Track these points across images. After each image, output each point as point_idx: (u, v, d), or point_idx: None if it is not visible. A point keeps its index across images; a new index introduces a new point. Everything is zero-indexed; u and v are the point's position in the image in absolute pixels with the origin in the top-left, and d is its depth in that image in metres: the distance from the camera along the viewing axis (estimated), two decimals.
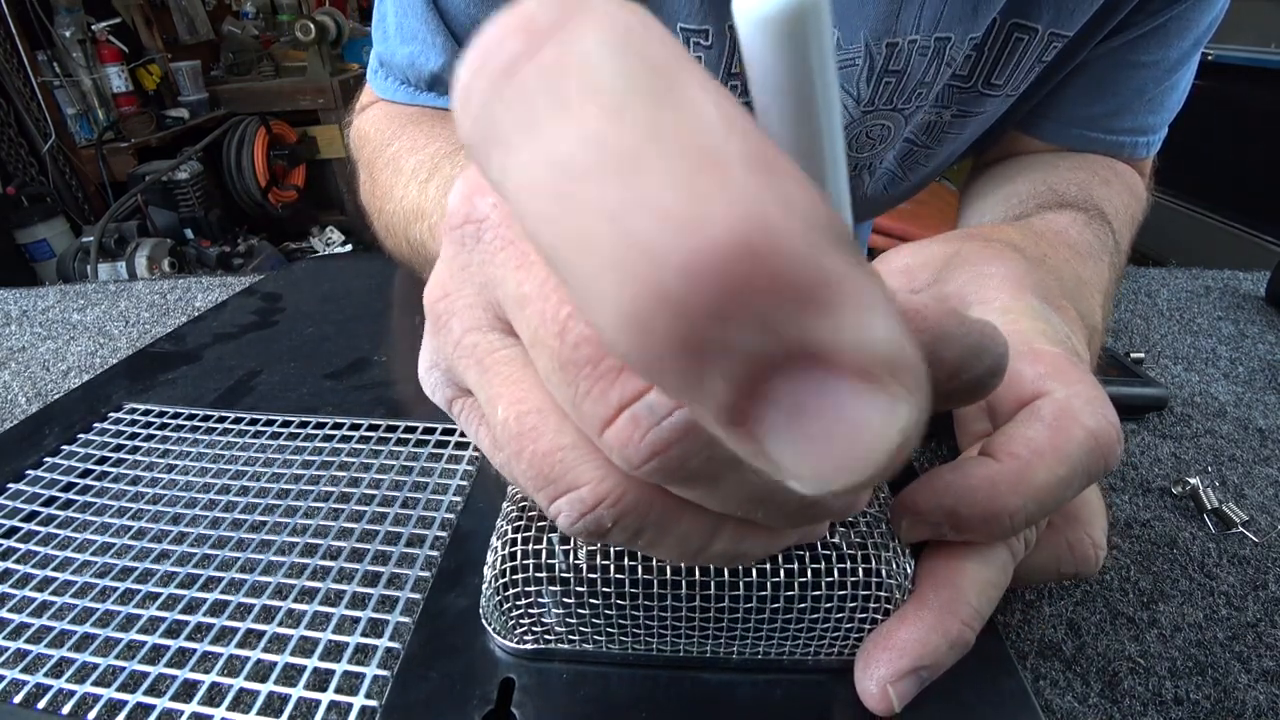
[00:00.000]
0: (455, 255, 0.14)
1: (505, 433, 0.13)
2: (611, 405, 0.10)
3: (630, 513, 0.12)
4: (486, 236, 0.13)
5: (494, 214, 0.13)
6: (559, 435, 0.13)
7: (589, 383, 0.11)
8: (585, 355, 0.10)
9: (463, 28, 0.42)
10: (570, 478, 0.12)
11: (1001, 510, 0.18)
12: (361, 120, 0.50)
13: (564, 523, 0.13)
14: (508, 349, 0.14)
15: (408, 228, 0.40)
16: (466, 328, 0.14)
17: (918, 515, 0.19)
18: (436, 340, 0.15)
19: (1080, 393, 0.20)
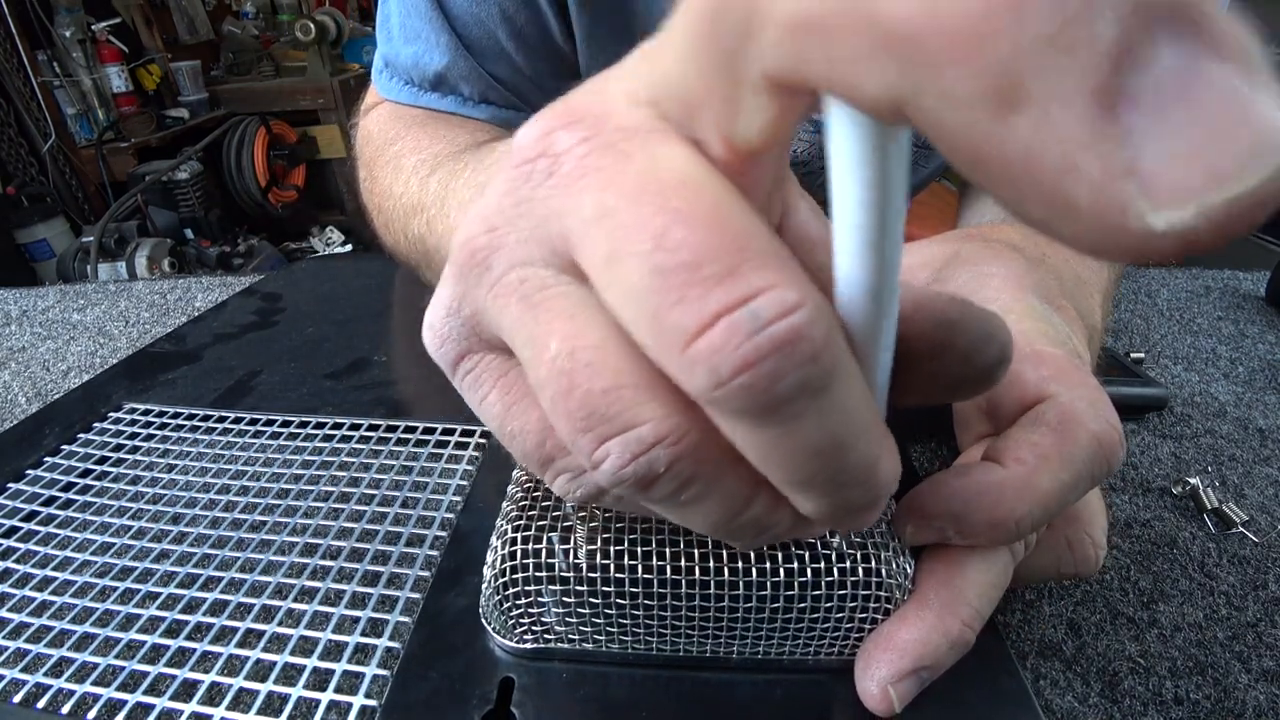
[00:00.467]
0: (515, 189, 0.13)
1: (555, 369, 0.12)
2: (710, 310, 0.10)
3: (686, 457, 0.12)
4: (564, 168, 0.12)
5: (579, 146, 0.12)
6: (620, 374, 0.12)
7: (685, 288, 0.10)
8: (685, 259, 0.10)
9: (466, 26, 0.42)
10: (630, 415, 0.12)
11: (1007, 516, 0.18)
12: (367, 121, 0.50)
13: (610, 467, 0.12)
14: (563, 286, 0.13)
15: (406, 222, 0.40)
16: (515, 262, 0.13)
17: (923, 520, 0.19)
18: (465, 283, 0.14)
19: (1083, 396, 0.20)
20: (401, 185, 0.40)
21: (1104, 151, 0.06)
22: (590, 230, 0.12)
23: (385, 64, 0.47)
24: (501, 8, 0.41)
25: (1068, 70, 0.06)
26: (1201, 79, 0.06)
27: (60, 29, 1.97)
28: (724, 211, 0.10)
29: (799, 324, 0.10)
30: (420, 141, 0.42)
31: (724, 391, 0.10)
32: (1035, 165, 0.07)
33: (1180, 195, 0.06)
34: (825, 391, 0.10)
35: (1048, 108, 0.06)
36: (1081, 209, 0.06)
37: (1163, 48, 0.06)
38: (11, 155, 1.93)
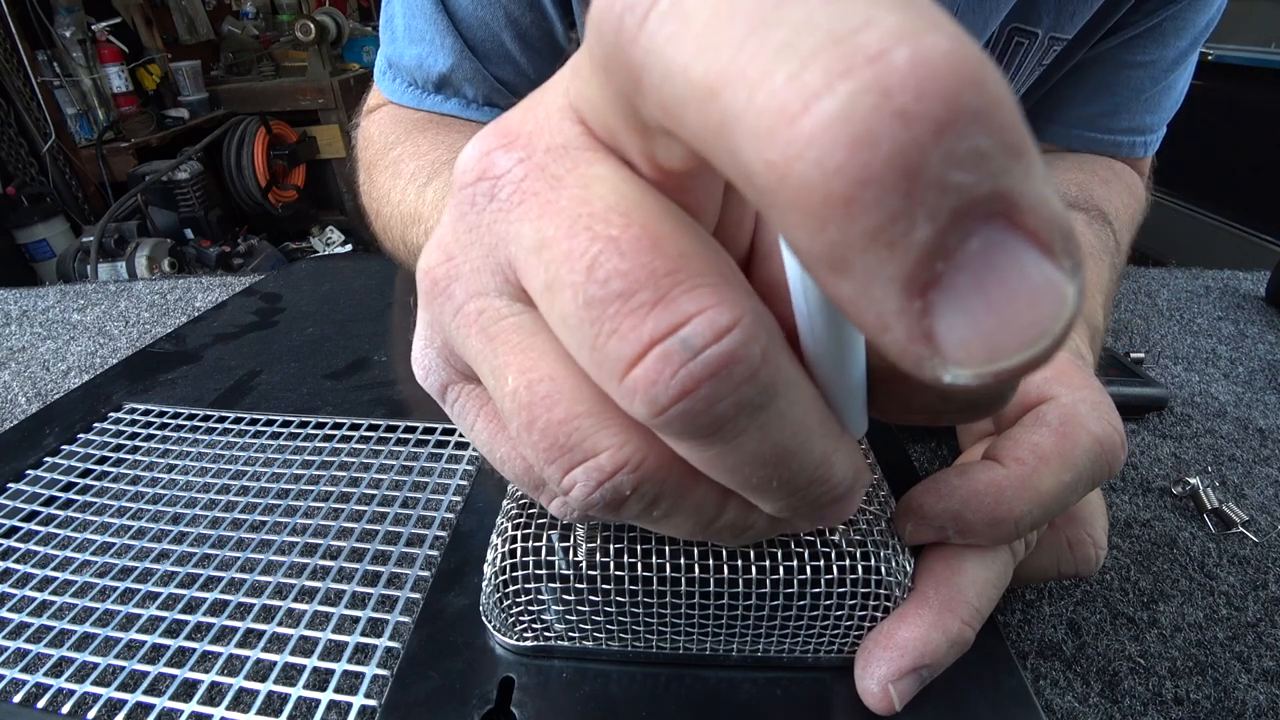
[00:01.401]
0: (464, 216, 0.13)
1: (515, 403, 0.12)
2: (642, 341, 0.10)
3: (649, 479, 0.12)
4: (503, 193, 0.12)
5: (516, 168, 0.12)
6: (575, 402, 0.12)
7: (617, 319, 0.10)
8: (616, 290, 0.10)
9: (470, 28, 0.42)
10: (588, 444, 0.12)
11: (1007, 515, 0.18)
12: (368, 123, 0.50)
13: (579, 494, 0.12)
14: (516, 316, 0.13)
15: (404, 231, 0.40)
16: (471, 293, 0.13)
17: (923, 518, 0.19)
18: (434, 311, 0.14)
19: (1085, 398, 0.20)
20: (399, 192, 0.40)
21: (908, 322, 0.07)
22: (530, 259, 0.11)
23: (389, 64, 0.47)
24: (506, 10, 0.41)
25: (885, 261, 0.07)
26: (1001, 263, 0.07)
27: (60, 29, 1.97)
28: (655, 235, 0.10)
29: (731, 348, 0.10)
30: (420, 146, 0.42)
31: (664, 419, 0.10)
32: (857, 314, 0.08)
33: (963, 364, 0.07)
34: (765, 407, 0.10)
35: (868, 285, 0.07)
36: (891, 353, 0.08)
37: (972, 238, 0.07)
38: (11, 155, 1.93)
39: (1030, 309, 0.07)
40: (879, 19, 0.07)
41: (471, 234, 0.13)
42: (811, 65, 0.07)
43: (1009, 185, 0.07)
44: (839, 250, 0.07)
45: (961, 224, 0.07)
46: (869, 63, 0.06)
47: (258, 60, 2.50)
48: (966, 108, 0.07)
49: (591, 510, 0.13)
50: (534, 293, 0.12)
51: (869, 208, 0.07)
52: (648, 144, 0.11)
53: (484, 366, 0.13)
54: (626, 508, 0.13)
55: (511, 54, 0.43)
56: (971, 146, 0.07)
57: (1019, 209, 0.07)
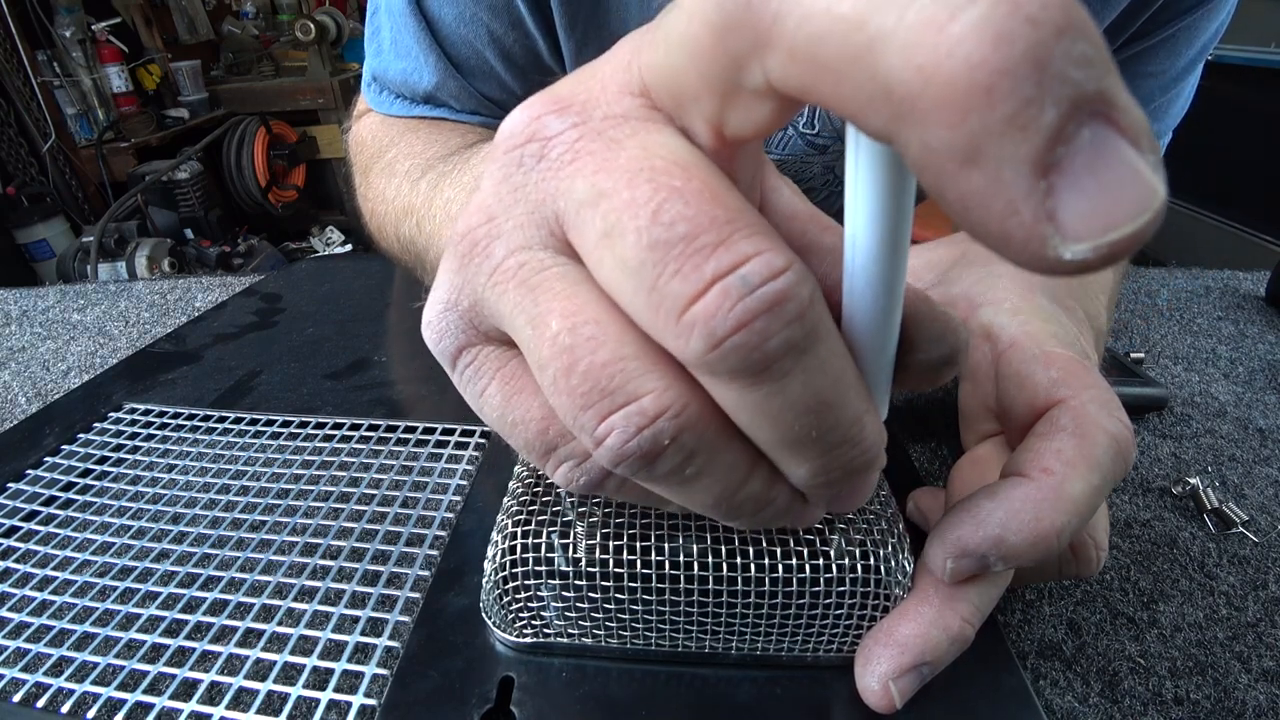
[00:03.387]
0: (508, 176, 0.13)
1: (556, 347, 0.12)
2: (704, 278, 0.11)
3: (689, 428, 0.12)
4: (553, 152, 0.13)
5: (569, 131, 0.13)
6: (620, 345, 0.12)
7: (681, 259, 0.11)
8: (680, 233, 0.11)
9: (454, 46, 0.42)
10: (632, 387, 0.12)
11: (1049, 530, 0.17)
12: (359, 127, 0.50)
13: (616, 442, 0.12)
14: (560, 266, 0.13)
15: (397, 225, 0.40)
16: (514, 247, 0.13)
17: (964, 553, 0.18)
18: (468, 272, 0.14)
19: (1095, 397, 0.20)
20: (394, 190, 0.40)
21: (1033, 204, 0.08)
22: (584, 211, 0.12)
23: (374, 78, 0.47)
24: (490, 29, 0.41)
25: (1019, 143, 0.08)
26: (1107, 152, 0.08)
27: (60, 29, 1.97)
28: (714, 190, 0.11)
29: (785, 286, 0.11)
30: (414, 147, 0.42)
31: (718, 353, 0.11)
32: (983, 205, 0.09)
33: (1082, 237, 0.08)
34: (809, 351, 0.11)
35: (1000, 168, 0.08)
36: (1014, 240, 0.09)
37: (1084, 129, 0.08)
38: (11, 155, 1.93)
39: (1133, 188, 0.08)
40: None
41: (516, 193, 0.13)
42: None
43: (1108, 87, 0.08)
44: (977, 139, 0.08)
45: (1077, 114, 0.08)
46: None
47: (258, 60, 2.50)
48: (1076, 19, 0.08)
49: (623, 463, 0.13)
50: (585, 242, 0.12)
51: (1007, 94, 0.08)
52: (725, 108, 0.11)
53: (520, 318, 0.13)
54: (661, 461, 0.13)
55: (496, 71, 0.43)
56: (1081, 50, 0.08)
57: (1116, 109, 0.08)
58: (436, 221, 0.34)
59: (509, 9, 0.40)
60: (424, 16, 0.41)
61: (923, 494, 0.26)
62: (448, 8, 0.41)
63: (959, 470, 0.24)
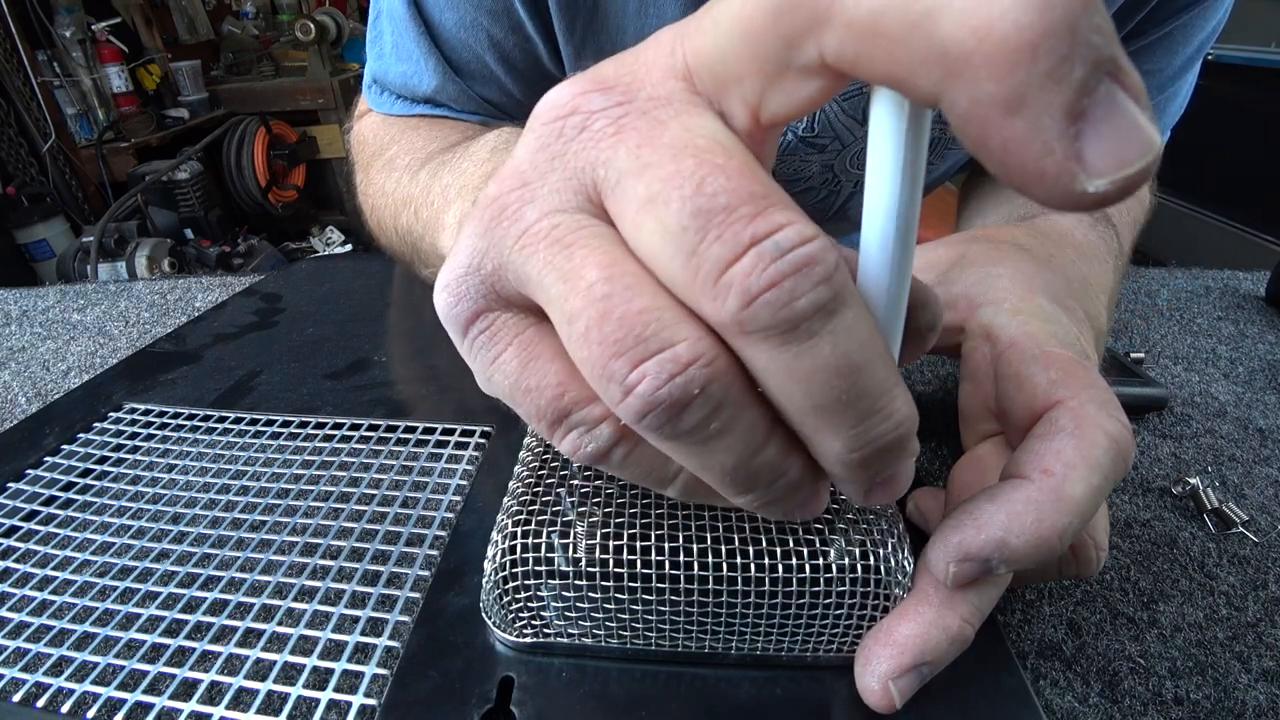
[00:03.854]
0: (547, 145, 0.14)
1: (591, 295, 0.13)
2: (742, 243, 0.12)
3: (719, 378, 0.13)
4: (596, 124, 0.14)
5: (614, 108, 0.13)
6: (656, 297, 0.13)
7: (722, 227, 0.12)
8: (722, 203, 0.12)
9: (454, 50, 0.42)
10: (667, 334, 0.13)
11: (1050, 532, 0.17)
12: (360, 126, 0.50)
13: (647, 388, 0.13)
14: (596, 226, 0.14)
15: (396, 216, 0.40)
16: (548, 210, 0.14)
17: (967, 557, 0.18)
18: (491, 235, 0.14)
19: (1093, 398, 0.20)
20: (394, 183, 0.41)
21: (1065, 145, 0.10)
22: (626, 180, 0.13)
23: (374, 80, 0.47)
24: (490, 34, 0.41)
25: (1056, 93, 0.10)
26: (1119, 105, 0.10)
27: (60, 29, 1.97)
28: (752, 169, 0.13)
29: (813, 251, 0.12)
30: (414, 143, 0.42)
31: (751, 310, 0.12)
32: (1023, 148, 0.10)
33: (1103, 173, 0.10)
34: (837, 314, 0.12)
35: (1040, 115, 0.10)
36: (1048, 177, 0.10)
37: (1102, 85, 0.10)
38: (11, 155, 1.93)
39: (1138, 133, 0.10)
40: None
41: (554, 161, 0.14)
42: None
43: (1118, 53, 0.10)
44: (1021, 89, 0.10)
45: (1097, 72, 0.10)
46: None
47: (258, 60, 2.50)
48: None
49: (651, 413, 0.13)
50: (628, 208, 0.13)
51: (1048, 53, 0.09)
52: (767, 90, 0.13)
53: (551, 275, 0.13)
54: (689, 412, 0.13)
55: (496, 75, 0.43)
56: (1099, 21, 0.10)
57: (1123, 71, 0.10)
58: (434, 208, 0.35)
59: (509, 14, 0.40)
60: (424, 21, 0.42)
61: (923, 494, 0.26)
62: (448, 13, 0.41)
63: (959, 471, 0.24)
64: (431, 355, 0.41)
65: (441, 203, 0.34)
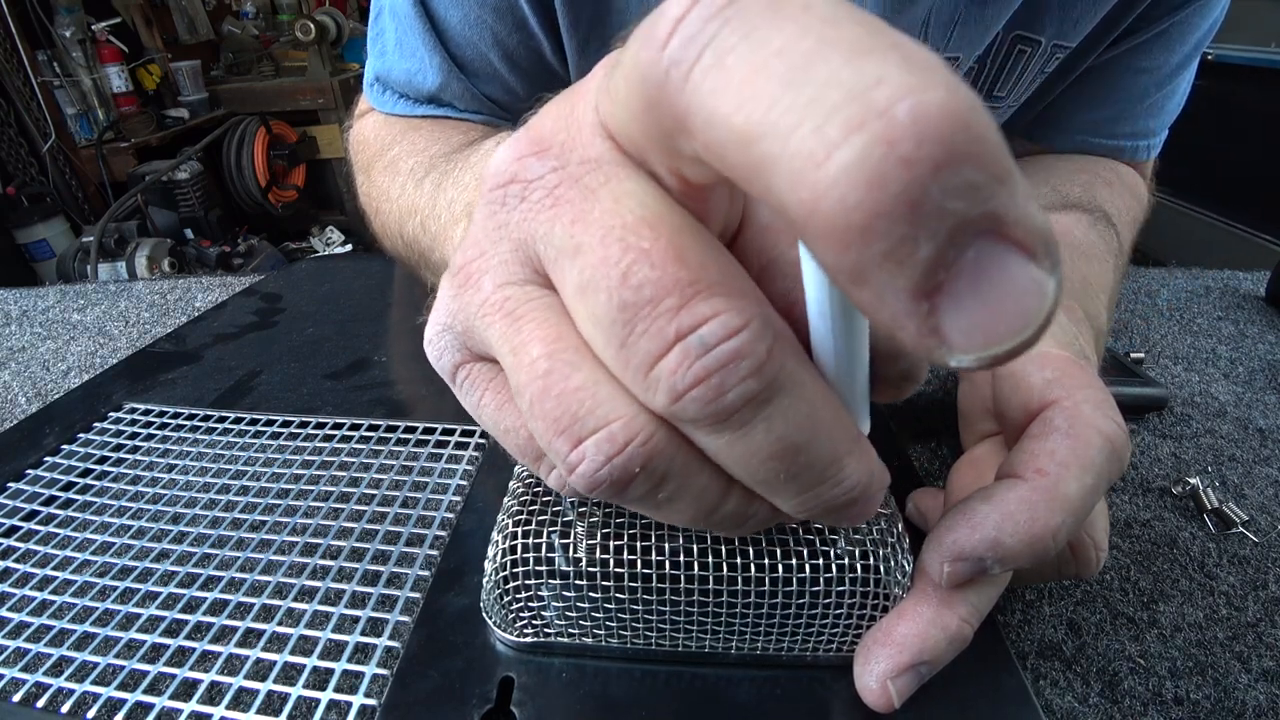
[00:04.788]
0: (494, 214, 0.14)
1: (533, 372, 0.13)
2: (667, 339, 0.11)
3: (659, 454, 0.13)
4: (534, 196, 0.13)
5: (549, 175, 0.13)
6: (594, 370, 0.13)
7: (648, 320, 0.12)
8: (647, 295, 0.12)
9: (459, 48, 0.42)
10: (603, 411, 0.13)
11: (1044, 531, 0.17)
12: (361, 125, 0.50)
13: (588, 469, 0.13)
14: (541, 298, 0.14)
15: (401, 225, 0.40)
16: (500, 282, 0.14)
17: (960, 556, 0.18)
18: (460, 301, 0.15)
19: (1089, 398, 0.20)
20: (398, 188, 0.41)
21: (917, 321, 0.09)
22: (562, 260, 0.13)
23: (376, 79, 0.47)
24: (494, 32, 0.41)
25: (896, 275, 0.09)
26: (993, 268, 0.08)
27: (60, 29, 1.97)
28: (680, 247, 0.12)
29: (739, 345, 0.11)
30: (416, 144, 0.42)
31: (680, 405, 0.12)
32: (875, 315, 0.09)
33: (966, 350, 0.09)
34: (770, 402, 0.12)
35: (883, 292, 0.09)
36: (905, 344, 0.09)
37: (968, 250, 0.08)
38: (11, 155, 1.93)
39: (1018, 303, 0.09)
40: (888, 77, 0.08)
41: (500, 230, 0.14)
42: (833, 119, 0.08)
43: (996, 206, 0.08)
44: (859, 266, 0.09)
45: (958, 240, 0.08)
46: (878, 117, 0.08)
47: (258, 60, 2.50)
48: (958, 150, 0.08)
49: (596, 490, 0.13)
50: (566, 291, 0.13)
51: (881, 235, 0.08)
52: (675, 163, 0.12)
53: (504, 346, 0.14)
54: (633, 487, 0.13)
55: (500, 73, 0.43)
56: (963, 180, 0.08)
57: (1006, 223, 0.08)
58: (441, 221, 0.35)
59: (513, 11, 0.40)
60: (429, 18, 0.42)
61: (922, 495, 0.26)
62: (453, 10, 0.41)
63: (957, 471, 0.24)
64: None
65: (448, 217, 0.34)
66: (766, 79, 0.09)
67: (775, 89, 0.09)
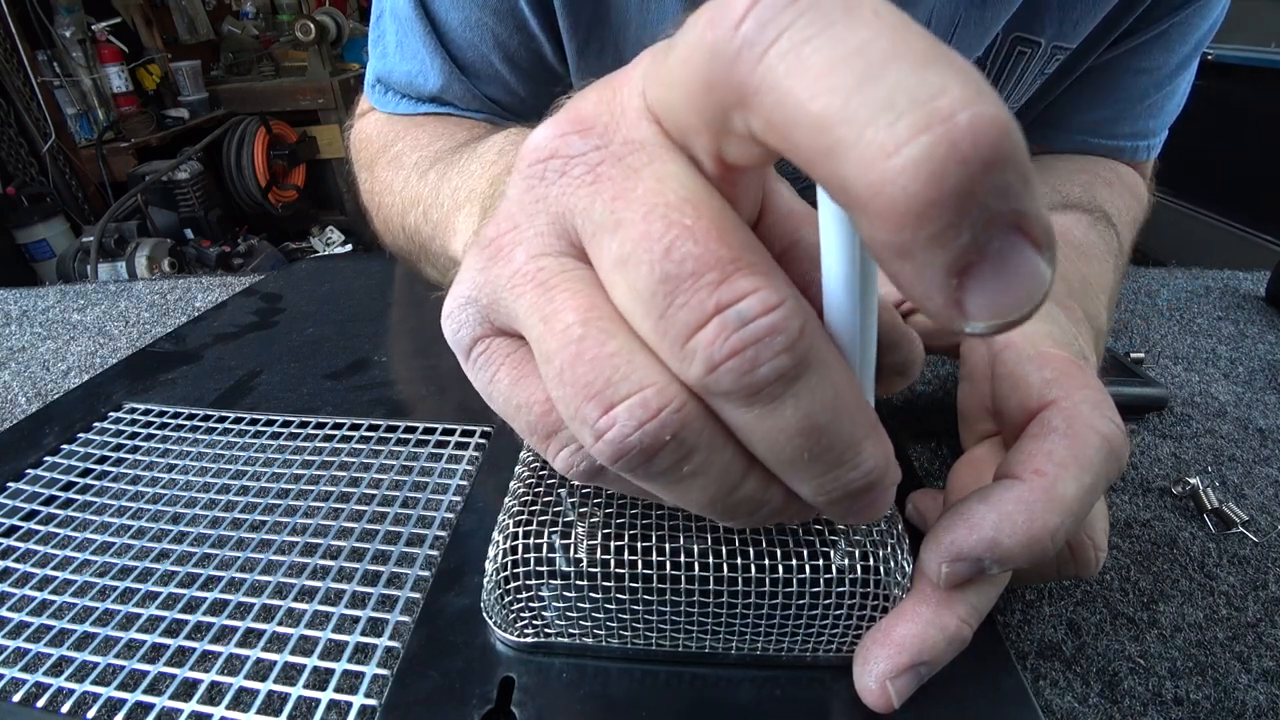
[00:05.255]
0: (531, 188, 0.14)
1: (567, 337, 0.13)
2: (706, 311, 0.12)
3: (690, 425, 0.13)
4: (575, 170, 0.14)
5: (592, 153, 0.14)
6: (628, 341, 0.13)
7: (689, 293, 0.12)
8: (690, 269, 0.12)
9: (460, 50, 0.42)
10: (637, 377, 0.13)
11: (1042, 531, 0.17)
12: (363, 124, 0.50)
13: (618, 434, 0.13)
14: (577, 270, 0.14)
15: (404, 216, 0.40)
16: (535, 253, 0.14)
17: (959, 557, 0.18)
18: (489, 273, 0.15)
19: (1087, 398, 0.20)
20: (401, 181, 0.41)
21: (945, 295, 0.10)
22: (601, 235, 0.13)
23: (378, 80, 0.47)
24: (495, 34, 0.41)
25: (939, 254, 0.10)
26: (1012, 256, 0.10)
27: (60, 29, 1.97)
28: (720, 227, 0.12)
29: (776, 320, 0.12)
30: (419, 140, 0.42)
31: (714, 376, 0.12)
32: (909, 285, 0.11)
33: (980, 319, 0.10)
34: (800, 379, 0.12)
35: (923, 267, 0.10)
36: (928, 311, 0.11)
37: (995, 239, 0.10)
38: (11, 155, 1.93)
39: (1025, 286, 0.10)
40: (950, 88, 0.09)
41: (538, 204, 0.14)
42: (904, 118, 0.09)
43: (1022, 205, 0.10)
44: (908, 245, 0.10)
45: (991, 230, 0.10)
46: (942, 122, 0.09)
47: (258, 60, 2.50)
48: (1003, 156, 0.09)
49: (623, 457, 0.13)
50: (603, 262, 0.13)
51: (933, 220, 0.10)
52: (720, 143, 0.12)
53: (534, 316, 0.14)
54: (660, 457, 0.13)
55: (501, 75, 0.43)
56: (1003, 181, 0.09)
57: (1027, 219, 0.10)
58: (444, 209, 0.35)
59: (513, 13, 0.40)
60: (430, 20, 0.42)
61: (921, 495, 0.26)
62: (454, 12, 0.41)
63: (956, 472, 0.24)
64: (431, 355, 0.41)
65: (451, 205, 0.34)
66: (845, 74, 0.10)
67: (853, 84, 0.10)
